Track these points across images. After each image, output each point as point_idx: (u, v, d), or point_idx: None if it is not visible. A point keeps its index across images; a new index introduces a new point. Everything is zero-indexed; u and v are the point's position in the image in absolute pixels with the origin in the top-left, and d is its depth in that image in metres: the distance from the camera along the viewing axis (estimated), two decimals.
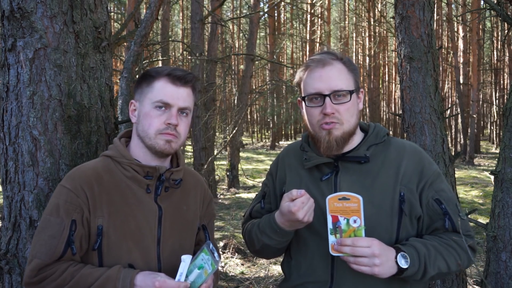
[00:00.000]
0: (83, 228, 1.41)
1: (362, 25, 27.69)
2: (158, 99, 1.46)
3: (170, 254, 1.51)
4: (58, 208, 1.41)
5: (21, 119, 1.73)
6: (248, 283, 4.56)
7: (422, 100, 3.04)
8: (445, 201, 1.50)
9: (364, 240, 1.35)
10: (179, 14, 27.65)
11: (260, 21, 14.43)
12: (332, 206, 1.36)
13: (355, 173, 1.53)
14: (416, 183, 1.51)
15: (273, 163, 1.78)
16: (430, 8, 3.05)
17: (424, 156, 1.58)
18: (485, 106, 29.27)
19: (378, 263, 1.33)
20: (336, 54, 1.58)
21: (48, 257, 1.37)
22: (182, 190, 1.59)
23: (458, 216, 1.51)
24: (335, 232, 1.37)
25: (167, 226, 1.51)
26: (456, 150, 18.72)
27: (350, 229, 1.35)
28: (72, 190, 1.42)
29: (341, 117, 1.51)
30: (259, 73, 31.58)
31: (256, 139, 32.77)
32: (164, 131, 1.46)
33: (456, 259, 1.47)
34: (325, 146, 1.52)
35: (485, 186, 11.02)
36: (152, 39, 9.13)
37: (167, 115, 1.47)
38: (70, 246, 1.38)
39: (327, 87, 1.50)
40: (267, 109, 21.77)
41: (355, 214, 1.34)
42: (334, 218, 1.37)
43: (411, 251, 1.40)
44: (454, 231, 1.51)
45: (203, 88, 8.79)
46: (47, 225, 1.40)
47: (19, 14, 1.71)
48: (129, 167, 1.48)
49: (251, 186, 11.62)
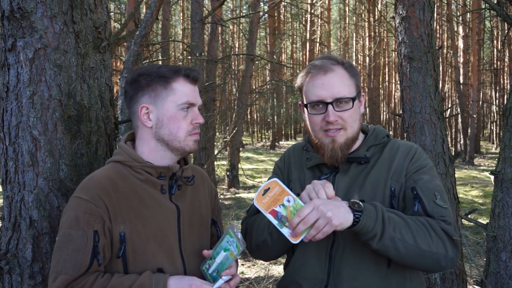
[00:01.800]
0: (105, 238, 1.38)
1: (362, 25, 27.68)
2: (184, 100, 1.47)
3: (192, 252, 1.51)
4: (78, 220, 1.36)
5: (21, 119, 1.73)
6: (248, 283, 4.56)
7: (422, 100, 3.04)
8: (420, 188, 1.46)
9: (305, 207, 1.31)
10: (179, 14, 27.64)
11: (260, 21, 14.43)
12: (263, 204, 1.36)
13: (353, 173, 1.55)
14: (404, 176, 1.51)
15: (279, 161, 1.79)
16: (430, 8, 3.05)
17: (416, 151, 1.56)
18: (485, 106, 29.27)
19: (330, 215, 1.28)
20: (337, 58, 1.57)
21: (75, 271, 1.33)
22: (193, 187, 1.60)
23: (432, 202, 1.44)
24: (283, 223, 1.35)
25: (185, 224, 1.51)
26: (456, 150, 18.72)
27: (289, 209, 1.34)
28: (90, 200, 1.38)
29: (345, 124, 1.51)
30: (259, 73, 31.58)
31: (256, 139, 32.77)
32: (193, 132, 1.49)
33: (428, 240, 1.37)
34: (329, 154, 1.52)
35: (485, 186, 11.02)
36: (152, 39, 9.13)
37: (191, 115, 1.49)
38: (96, 257, 1.35)
39: (330, 94, 1.50)
40: (267, 109, 21.77)
41: (284, 195, 1.33)
42: (273, 213, 1.35)
43: (367, 206, 1.36)
44: (426, 215, 1.44)
45: (203, 88, 8.79)
46: (69, 239, 1.35)
47: (19, 14, 1.71)
48: (142, 170, 1.47)
49: (251, 186, 11.62)
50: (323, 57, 1.58)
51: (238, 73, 16.66)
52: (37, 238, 1.72)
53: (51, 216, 1.73)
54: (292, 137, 33.59)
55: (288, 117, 24.26)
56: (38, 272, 1.72)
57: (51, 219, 1.73)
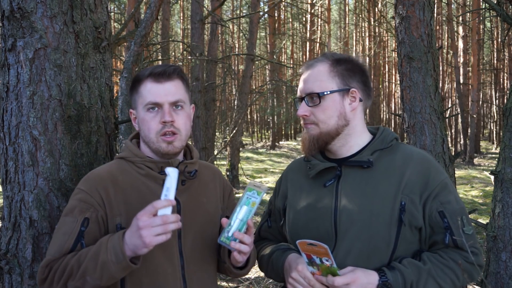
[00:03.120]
0: (98, 226, 1.42)
1: (362, 25, 27.69)
2: (147, 101, 1.47)
3: (192, 247, 1.51)
4: (73, 208, 1.43)
5: (21, 119, 1.73)
6: (248, 283, 4.56)
7: (422, 100, 3.04)
8: (449, 214, 1.44)
9: (342, 279, 1.34)
10: (179, 14, 27.64)
11: (260, 21, 14.43)
12: (304, 247, 1.37)
13: (356, 179, 1.49)
14: (419, 193, 1.45)
15: (277, 181, 1.77)
16: (430, 8, 3.05)
17: (432, 165, 1.51)
18: (485, 106, 29.26)
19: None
20: (328, 55, 1.56)
21: (58, 252, 1.39)
22: (200, 183, 1.59)
23: (461, 231, 1.44)
24: (312, 265, 1.39)
25: (187, 220, 1.50)
26: (456, 150, 18.73)
27: (324, 266, 1.36)
28: (86, 191, 1.45)
29: (316, 119, 1.51)
30: (259, 73, 31.57)
31: (256, 139, 32.76)
32: (162, 132, 1.46)
33: (453, 279, 1.42)
34: (305, 146, 1.54)
35: (485, 186, 11.02)
36: (152, 39, 9.13)
37: (161, 114, 1.47)
38: (80, 241, 1.39)
39: (303, 90, 1.53)
40: (267, 109, 21.76)
41: (325, 256, 1.34)
42: (308, 256, 1.38)
43: (396, 278, 1.37)
44: (455, 247, 1.45)
45: (203, 88, 8.79)
46: (62, 224, 1.43)
47: (19, 14, 1.71)
48: (142, 165, 1.50)
49: None
50: (323, 53, 1.60)
51: (238, 73, 16.66)
52: (37, 238, 1.72)
53: (51, 216, 1.73)
54: (292, 137, 33.58)
55: (288, 117, 24.24)
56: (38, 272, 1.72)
57: (51, 219, 1.73)
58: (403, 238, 1.44)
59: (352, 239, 1.44)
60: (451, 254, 1.44)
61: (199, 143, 8.86)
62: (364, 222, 1.43)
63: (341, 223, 1.46)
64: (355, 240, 1.43)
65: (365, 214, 1.43)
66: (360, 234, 1.43)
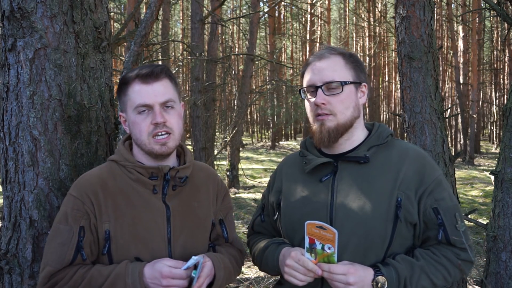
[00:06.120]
0: (91, 234, 1.44)
1: (362, 25, 27.68)
2: (136, 104, 1.45)
3: (182, 252, 1.51)
4: (67, 216, 1.44)
5: (21, 119, 1.73)
6: (248, 283, 4.56)
7: (422, 100, 3.04)
8: (443, 210, 1.47)
9: (340, 268, 1.36)
10: (179, 14, 27.64)
11: (260, 21, 14.43)
12: (310, 230, 1.39)
13: (353, 175, 1.50)
14: (415, 189, 1.47)
15: (272, 175, 1.77)
16: (430, 8, 3.05)
17: (427, 162, 1.52)
18: (485, 106, 29.26)
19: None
20: (336, 49, 1.57)
21: (59, 263, 1.40)
22: (192, 187, 1.58)
23: (454, 228, 1.47)
24: (311, 251, 1.40)
25: (177, 225, 1.50)
26: (456, 150, 18.72)
27: (324, 253, 1.37)
28: (78, 197, 1.45)
29: (334, 109, 1.49)
30: (259, 73, 31.58)
31: (256, 139, 32.76)
32: (154, 133, 1.45)
33: (445, 275, 1.46)
34: (318, 137, 1.52)
35: (485, 186, 11.02)
36: (152, 39, 9.13)
37: (152, 115, 1.45)
38: (79, 252, 1.41)
39: (320, 78, 1.51)
40: (267, 109, 21.76)
41: (330, 243, 1.35)
42: (311, 240, 1.39)
43: (390, 274, 1.39)
44: (447, 243, 1.48)
45: (203, 88, 8.79)
46: (57, 233, 1.44)
47: (19, 14, 1.70)
48: (133, 169, 1.49)
49: (251, 186, 11.61)
50: (325, 48, 1.59)
51: (238, 73, 16.66)
52: (37, 238, 1.72)
53: (51, 216, 1.73)
54: (292, 137, 33.59)
55: (288, 117, 24.26)
56: (38, 272, 1.72)
57: (51, 219, 1.73)
58: (398, 234, 1.46)
59: (348, 234, 1.44)
60: (443, 251, 1.48)
61: (199, 143, 8.86)
62: (361, 217, 1.44)
63: (337, 218, 1.47)
64: (351, 236, 1.44)
65: (361, 209, 1.44)
66: (357, 230, 1.44)
